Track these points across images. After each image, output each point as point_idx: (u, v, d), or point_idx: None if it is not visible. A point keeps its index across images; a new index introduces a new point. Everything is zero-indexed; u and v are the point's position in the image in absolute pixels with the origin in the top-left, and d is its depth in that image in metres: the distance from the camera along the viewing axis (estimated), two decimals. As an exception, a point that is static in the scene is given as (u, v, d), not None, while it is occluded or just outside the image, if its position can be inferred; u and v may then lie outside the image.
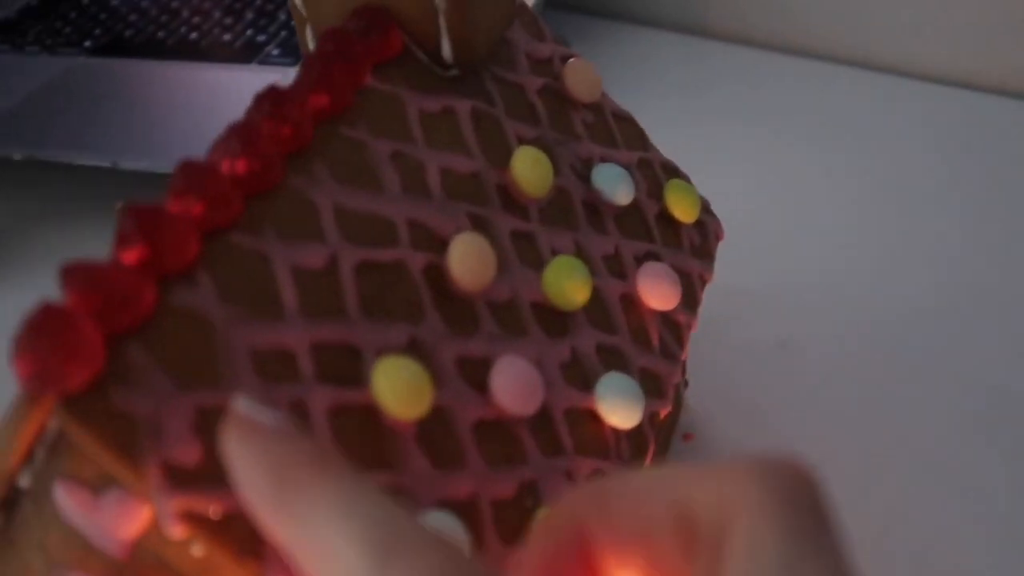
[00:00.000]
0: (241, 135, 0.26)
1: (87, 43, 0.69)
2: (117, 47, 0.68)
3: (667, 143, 0.45)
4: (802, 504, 0.18)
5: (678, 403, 0.44)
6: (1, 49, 0.70)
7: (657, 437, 0.34)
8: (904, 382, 0.46)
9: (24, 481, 0.23)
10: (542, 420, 0.29)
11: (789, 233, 0.57)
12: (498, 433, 0.27)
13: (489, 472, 0.26)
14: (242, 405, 0.21)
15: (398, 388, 0.25)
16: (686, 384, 0.46)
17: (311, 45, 0.34)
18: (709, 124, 0.68)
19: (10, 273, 0.61)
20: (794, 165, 0.63)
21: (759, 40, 0.79)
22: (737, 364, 0.48)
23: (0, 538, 0.25)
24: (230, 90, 0.62)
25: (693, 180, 0.43)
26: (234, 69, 0.64)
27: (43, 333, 0.20)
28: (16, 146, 0.60)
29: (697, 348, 0.47)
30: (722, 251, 0.47)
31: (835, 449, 0.43)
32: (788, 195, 0.60)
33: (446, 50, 0.33)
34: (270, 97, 0.28)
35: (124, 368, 0.22)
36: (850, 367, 0.47)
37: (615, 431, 0.30)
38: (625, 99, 0.59)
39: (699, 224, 0.39)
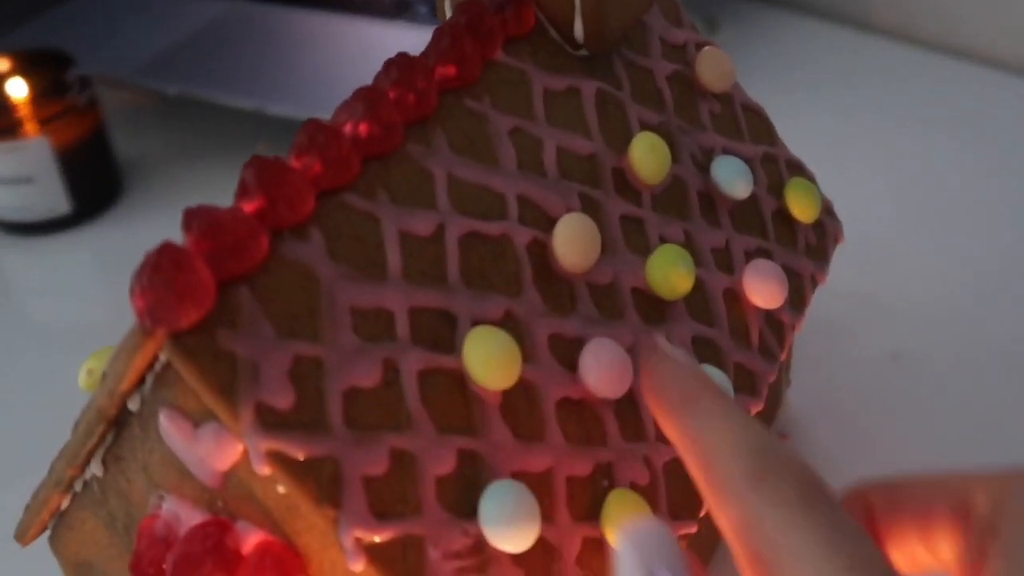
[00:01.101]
0: (366, 100, 0.27)
1: (248, -13, 0.72)
2: (276, -7, 0.71)
3: (806, 135, 0.45)
4: None
5: (777, 401, 0.44)
6: (168, -13, 0.74)
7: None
8: (1020, 410, 0.45)
9: (133, 404, 0.25)
10: (627, 404, 0.29)
11: (917, 241, 0.55)
12: (581, 412, 0.28)
13: (567, 449, 0.27)
14: (663, 343, 0.26)
15: (488, 358, 0.26)
16: (788, 383, 0.45)
17: (448, 13, 0.35)
18: (853, 120, 0.66)
19: (150, 202, 0.64)
20: (933, 171, 0.61)
21: (919, 37, 0.76)
22: (845, 371, 0.47)
23: (108, 455, 0.27)
24: (376, 44, 0.64)
25: (825, 176, 0.42)
26: (382, 24, 0.65)
27: (160, 272, 0.22)
28: (171, 82, 0.63)
29: (806, 350, 0.47)
30: (845, 254, 0.46)
31: (935, 468, 0.42)
32: (923, 202, 0.58)
33: (578, 31, 0.33)
34: (399, 64, 0.29)
35: (232, 312, 0.23)
36: (964, 388, 0.46)
37: (701, 424, 0.31)
38: (770, 87, 0.58)
39: (818, 225, 0.39)
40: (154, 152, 0.68)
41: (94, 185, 0.63)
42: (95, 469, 0.27)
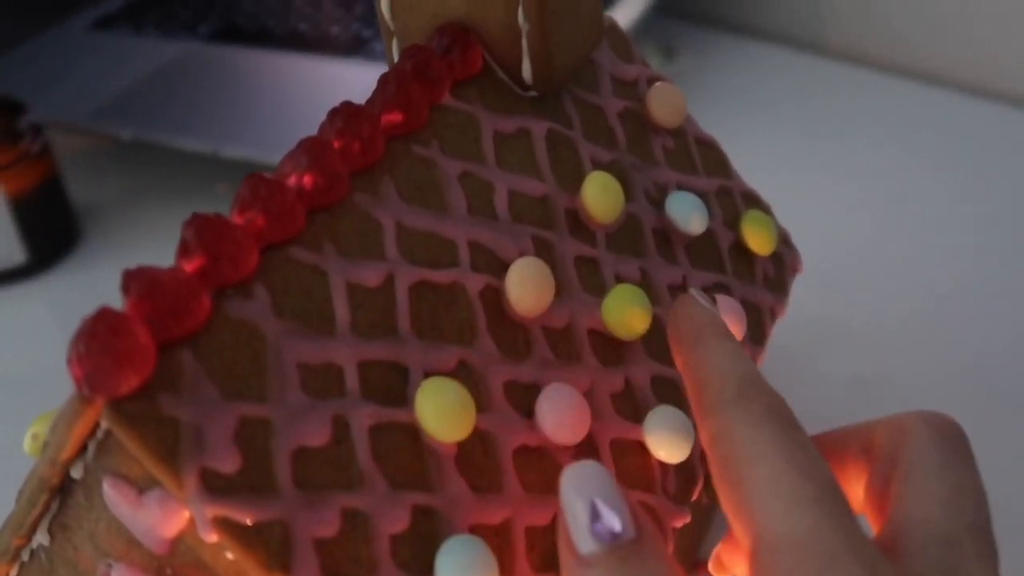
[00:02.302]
0: (310, 150, 0.27)
1: (201, 28, 0.71)
2: (230, 34, 0.70)
3: (764, 158, 0.45)
4: (956, 437, 0.25)
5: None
6: (123, 31, 0.73)
7: (707, 471, 0.33)
8: (988, 429, 0.45)
9: (76, 473, 0.24)
10: (587, 449, 0.29)
11: (876, 263, 0.55)
12: (540, 460, 0.28)
13: (526, 498, 0.27)
14: (693, 292, 0.28)
15: (441, 410, 0.25)
16: (754, 414, 0.45)
17: (395, 57, 0.35)
18: (809, 142, 0.66)
19: (108, 248, 0.64)
20: (890, 192, 0.61)
21: (873, 60, 0.77)
22: (809, 395, 0.47)
23: (54, 523, 0.26)
24: (333, 83, 0.63)
25: (784, 198, 0.42)
26: (338, 62, 0.65)
27: (97, 338, 0.21)
28: (125, 126, 0.62)
29: (772, 376, 0.47)
30: (805, 277, 0.46)
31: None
32: (881, 223, 0.59)
33: (527, 71, 0.33)
34: (343, 113, 0.28)
35: (174, 375, 0.22)
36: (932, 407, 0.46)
37: (662, 465, 0.30)
38: (727, 112, 0.58)
39: (775, 256, 0.39)
40: (110, 197, 0.68)
41: (49, 233, 0.62)
42: (41, 538, 0.26)
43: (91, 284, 0.61)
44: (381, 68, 0.64)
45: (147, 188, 0.67)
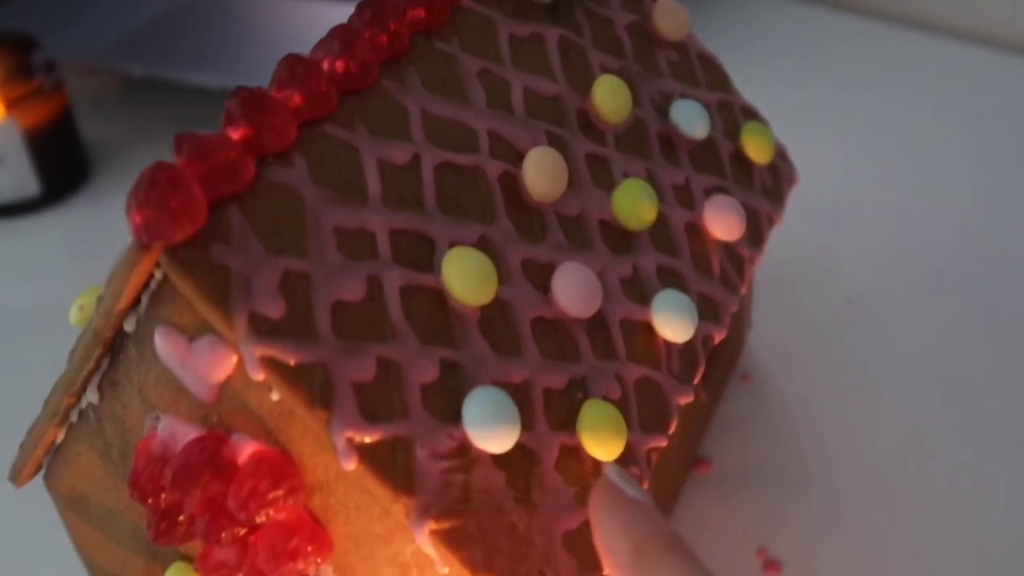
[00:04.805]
0: (342, 38, 0.29)
1: (211, -30, 0.73)
2: (238, -24, 0.72)
3: (762, 108, 0.46)
4: None
5: (739, 343, 0.46)
6: (132, -28, 0.74)
7: (709, 360, 0.35)
8: (967, 347, 0.47)
9: (129, 326, 0.26)
10: (598, 325, 0.31)
11: (868, 195, 0.57)
12: (555, 331, 0.30)
13: (543, 363, 0.29)
14: (613, 473, 0.26)
15: (466, 274, 0.27)
16: (750, 327, 0.47)
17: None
18: (801, 88, 0.68)
19: (119, 184, 0.65)
20: (882, 131, 0.63)
21: (863, 7, 0.79)
22: (803, 316, 0.49)
23: (104, 380, 0.28)
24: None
25: (779, 137, 0.44)
26: (349, 4, 0.67)
27: (156, 189, 0.23)
28: (136, 63, 0.64)
29: (766, 297, 0.49)
30: (801, 209, 0.48)
31: (889, 407, 0.44)
32: (873, 159, 0.61)
33: (540, -21, 0.35)
34: (372, 5, 0.30)
35: (223, 229, 0.24)
36: (916, 329, 0.48)
37: (668, 345, 0.32)
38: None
39: (772, 167, 0.40)
40: (121, 136, 0.69)
41: (62, 167, 0.63)
42: (91, 397, 0.28)
43: (103, 218, 0.62)
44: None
45: (157, 127, 0.69)
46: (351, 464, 0.24)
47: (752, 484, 0.41)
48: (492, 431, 0.26)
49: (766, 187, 0.40)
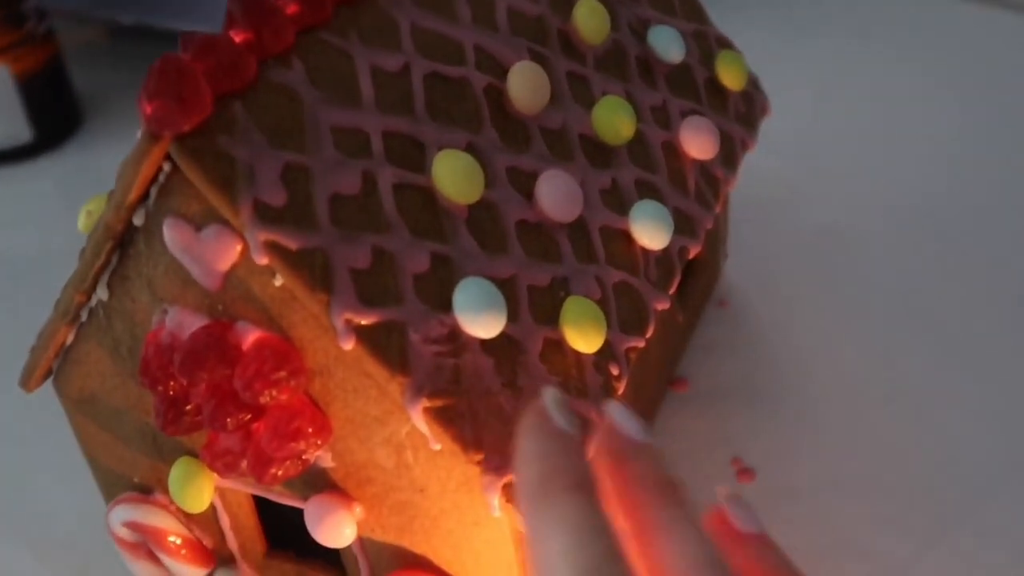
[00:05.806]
0: (335, -48, 0.30)
1: (196, -76, 0.74)
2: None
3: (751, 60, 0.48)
4: None
5: (715, 269, 0.48)
6: (117, -74, 0.75)
7: (687, 283, 0.37)
8: (932, 271, 0.49)
9: (138, 220, 0.28)
10: (579, 230, 0.32)
11: (841, 130, 0.59)
12: (538, 234, 0.31)
13: (528, 261, 0.30)
14: (549, 399, 0.26)
15: (455, 173, 0.29)
16: (726, 256, 0.49)
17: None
18: (774, 34, 0.70)
19: (110, 133, 0.66)
20: (853, 72, 0.65)
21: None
22: (778, 245, 0.51)
23: (114, 276, 0.29)
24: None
25: (769, 87, 0.45)
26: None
27: (165, 79, 0.25)
28: (126, 12, 0.65)
29: (742, 227, 0.51)
30: (775, 145, 0.50)
31: (859, 328, 0.46)
32: (843, 97, 0.63)
33: (522, -93, 0.36)
34: (362, -75, 0.32)
35: (228, 121, 0.26)
36: (885, 256, 0.50)
37: (645, 252, 0.34)
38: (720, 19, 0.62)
39: (746, 95, 0.42)
40: (111, 86, 0.70)
41: (54, 114, 0.64)
42: (101, 294, 0.30)
43: (94, 164, 0.63)
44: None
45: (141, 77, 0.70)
46: (349, 344, 0.26)
47: (727, 400, 0.43)
48: (480, 317, 0.27)
49: (740, 113, 0.41)
